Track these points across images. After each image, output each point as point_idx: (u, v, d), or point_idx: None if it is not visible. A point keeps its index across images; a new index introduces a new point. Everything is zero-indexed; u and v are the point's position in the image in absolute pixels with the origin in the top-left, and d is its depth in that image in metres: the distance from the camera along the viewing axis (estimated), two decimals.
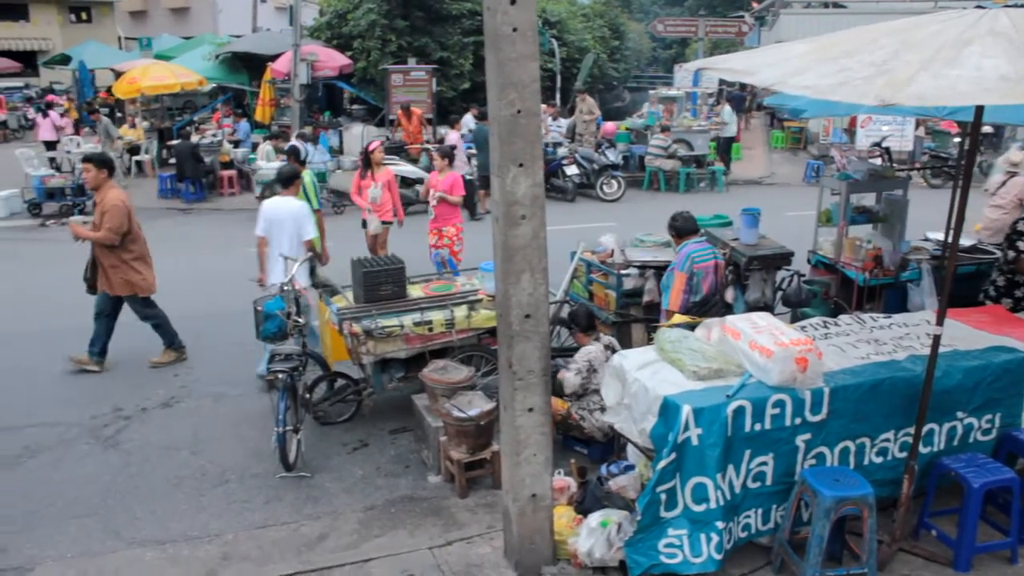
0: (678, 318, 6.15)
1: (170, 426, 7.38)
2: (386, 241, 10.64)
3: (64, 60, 33.03)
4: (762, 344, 4.86)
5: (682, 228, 6.92)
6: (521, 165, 4.34)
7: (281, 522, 5.90)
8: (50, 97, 31.86)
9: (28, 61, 39.06)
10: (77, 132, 22.52)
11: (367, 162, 10.41)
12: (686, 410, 4.60)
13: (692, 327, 5.54)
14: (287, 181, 8.24)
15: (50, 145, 21.99)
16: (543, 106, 19.34)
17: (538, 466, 4.84)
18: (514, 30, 4.18)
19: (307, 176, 9.38)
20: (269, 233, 7.93)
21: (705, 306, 6.64)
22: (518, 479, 4.83)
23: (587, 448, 6.52)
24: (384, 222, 10.49)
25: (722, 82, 26.32)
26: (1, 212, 15.83)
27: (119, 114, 26.59)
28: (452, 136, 17.70)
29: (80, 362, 8.60)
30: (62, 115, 23.27)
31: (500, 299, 4.68)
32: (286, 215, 7.91)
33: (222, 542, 5.67)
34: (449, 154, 10.56)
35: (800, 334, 5.04)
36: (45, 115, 23.56)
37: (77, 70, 29.96)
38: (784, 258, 8.03)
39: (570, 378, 6.37)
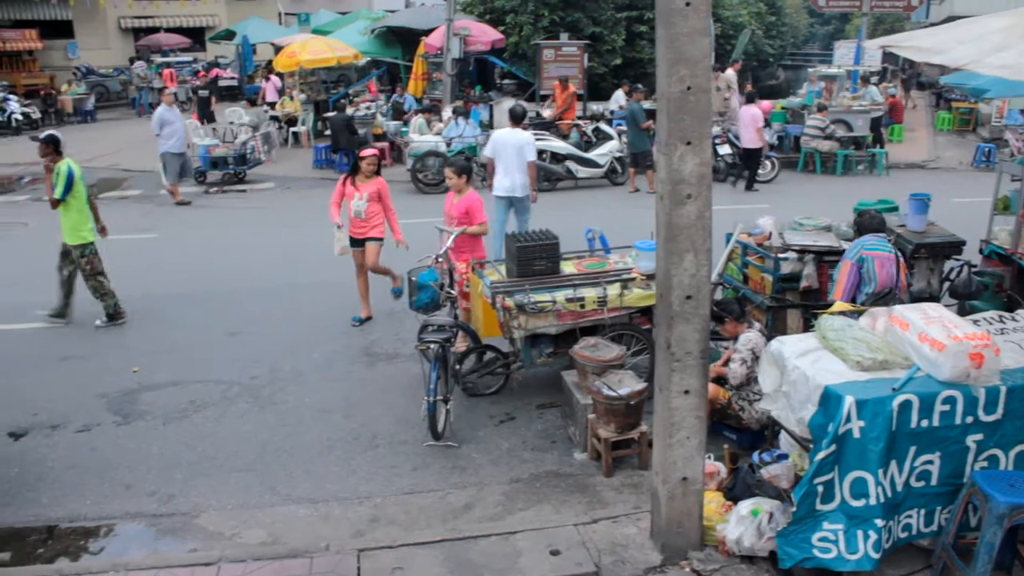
0: (840, 306, 5.91)
1: (324, 390, 7.64)
2: (376, 263, 8.99)
3: (229, 35, 34.54)
4: (933, 336, 4.59)
5: (862, 224, 6.78)
6: (689, 143, 4.25)
7: (428, 489, 6.03)
8: (215, 71, 33.40)
9: (196, 37, 41.06)
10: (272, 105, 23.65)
11: (354, 169, 8.94)
12: (848, 401, 4.42)
13: (856, 315, 5.32)
14: (520, 118, 10.82)
15: (272, 105, 23.30)
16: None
17: (691, 449, 4.76)
18: (687, 4, 4.09)
19: (64, 165, 8.79)
20: (496, 154, 10.36)
21: (879, 296, 6.32)
22: (670, 461, 4.77)
23: (736, 435, 6.38)
24: (373, 239, 8.93)
25: (885, 59, 25.10)
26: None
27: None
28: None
29: None
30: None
31: (661, 279, 4.60)
32: (512, 142, 10.34)
33: (371, 505, 5.84)
34: (467, 169, 8.27)
35: (975, 328, 4.74)
36: (267, 79, 25.26)
37: (240, 45, 31.28)
38: (954, 247, 7.64)
39: (736, 368, 6.20)
